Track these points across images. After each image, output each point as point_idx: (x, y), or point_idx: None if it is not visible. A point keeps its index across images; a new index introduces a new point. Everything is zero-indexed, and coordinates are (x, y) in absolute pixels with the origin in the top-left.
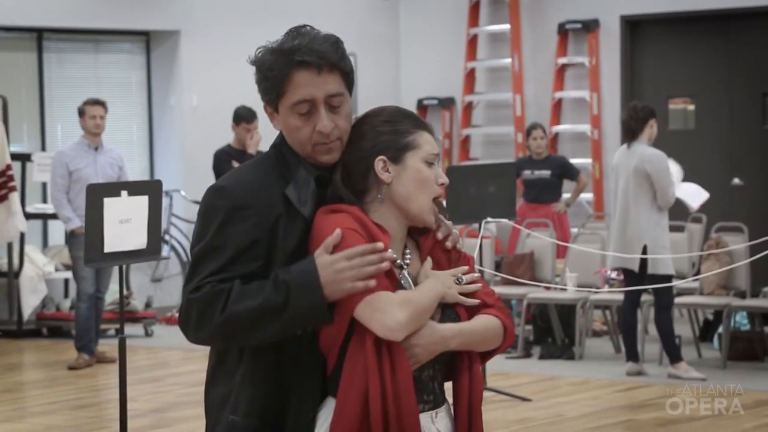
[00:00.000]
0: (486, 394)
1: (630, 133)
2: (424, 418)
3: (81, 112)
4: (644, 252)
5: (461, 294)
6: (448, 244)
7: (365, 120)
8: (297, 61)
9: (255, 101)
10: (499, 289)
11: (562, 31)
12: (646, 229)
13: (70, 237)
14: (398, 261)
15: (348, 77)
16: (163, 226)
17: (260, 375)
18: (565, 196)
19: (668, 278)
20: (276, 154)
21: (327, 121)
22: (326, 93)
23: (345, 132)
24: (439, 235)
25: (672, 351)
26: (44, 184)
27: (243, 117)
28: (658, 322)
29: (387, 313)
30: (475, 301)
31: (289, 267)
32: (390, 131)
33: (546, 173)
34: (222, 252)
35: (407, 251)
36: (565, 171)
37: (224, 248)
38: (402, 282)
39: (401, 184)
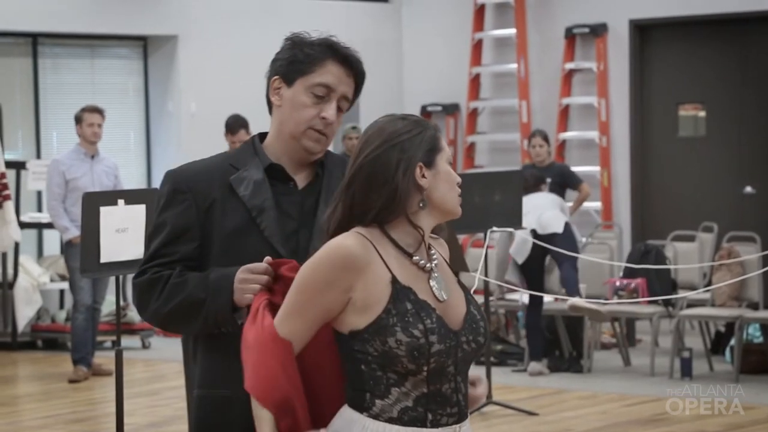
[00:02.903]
0: (492, 408)
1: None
2: None
3: (78, 119)
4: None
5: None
6: None
7: (390, 132)
8: (339, 55)
9: (254, 107)
10: (505, 301)
11: (570, 35)
12: None
13: (67, 247)
14: (428, 265)
15: (356, 97)
16: None
17: (217, 348)
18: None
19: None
20: (244, 147)
21: (333, 111)
22: (343, 93)
23: (333, 135)
24: None
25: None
26: (39, 193)
27: (228, 127)
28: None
29: None
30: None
31: (220, 269)
32: (419, 138)
33: None
34: (160, 232)
35: (433, 253)
36: (566, 179)
37: (162, 228)
38: (433, 285)
39: (436, 188)
